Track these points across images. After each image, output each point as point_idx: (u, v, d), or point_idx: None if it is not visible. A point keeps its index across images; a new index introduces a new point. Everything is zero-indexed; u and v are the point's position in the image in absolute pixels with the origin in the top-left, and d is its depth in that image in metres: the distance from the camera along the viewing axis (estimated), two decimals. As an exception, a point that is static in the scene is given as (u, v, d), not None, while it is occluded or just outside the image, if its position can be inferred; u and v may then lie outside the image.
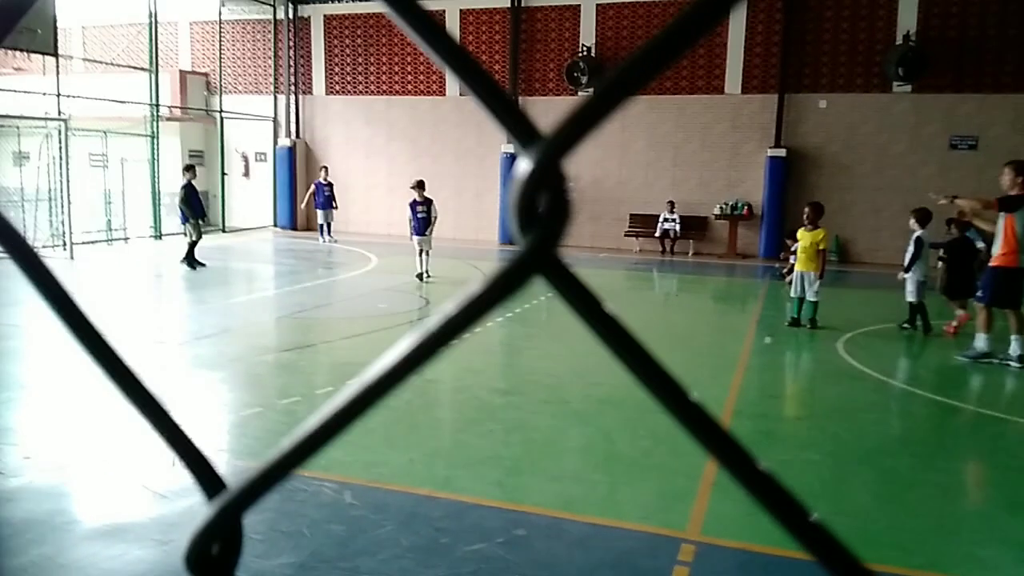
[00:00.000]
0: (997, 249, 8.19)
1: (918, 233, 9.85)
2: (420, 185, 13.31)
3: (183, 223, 14.34)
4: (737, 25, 17.99)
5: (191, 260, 14.19)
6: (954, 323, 10.00)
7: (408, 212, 13.40)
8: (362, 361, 8.00)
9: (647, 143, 18.67)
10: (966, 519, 4.67)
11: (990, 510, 4.82)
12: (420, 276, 13.19)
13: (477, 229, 20.35)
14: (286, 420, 6.19)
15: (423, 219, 13.17)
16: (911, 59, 16.54)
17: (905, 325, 10.20)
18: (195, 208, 14.16)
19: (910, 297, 10.01)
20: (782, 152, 17.72)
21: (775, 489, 0.40)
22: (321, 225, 19.28)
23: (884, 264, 17.42)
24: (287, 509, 4.46)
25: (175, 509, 4.53)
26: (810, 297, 10.02)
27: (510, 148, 19.65)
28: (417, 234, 13.17)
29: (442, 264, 15.81)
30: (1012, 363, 8.20)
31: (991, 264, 8.26)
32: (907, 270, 9.82)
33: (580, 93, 19.12)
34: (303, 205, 20.22)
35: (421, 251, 13.17)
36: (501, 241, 19.80)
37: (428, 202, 13.26)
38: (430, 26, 0.40)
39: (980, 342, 8.43)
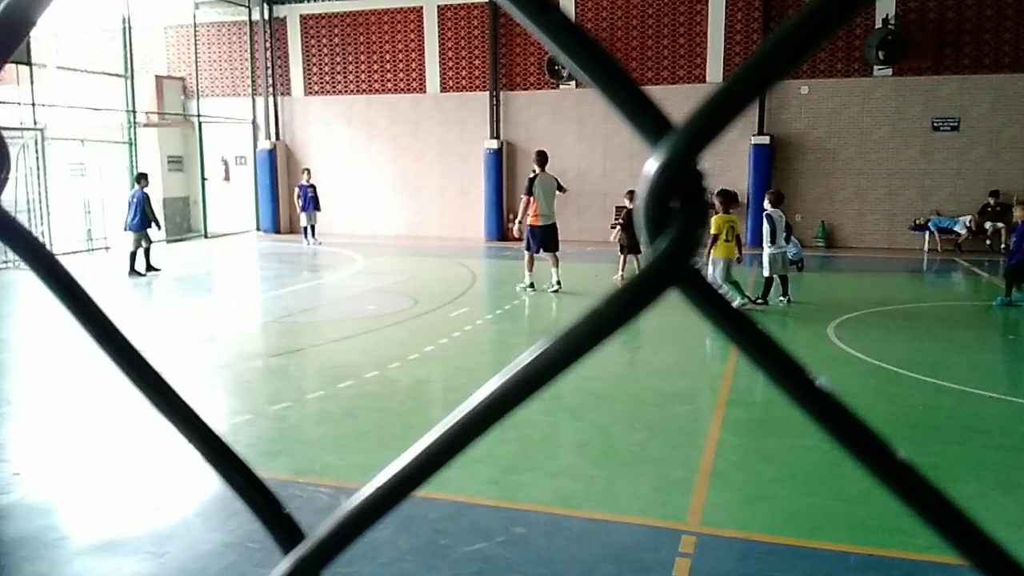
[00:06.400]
0: (530, 213, 11.72)
1: (768, 211, 10.62)
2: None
3: (142, 230, 13.98)
4: (717, 12, 17.96)
5: (146, 266, 14.13)
6: (622, 273, 12.35)
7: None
8: (353, 363, 7.93)
9: (630, 134, 18.50)
10: (962, 500, 4.70)
11: (984, 490, 4.85)
12: None
13: (463, 226, 20.24)
14: (277, 426, 6.14)
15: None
16: (891, 43, 16.57)
17: (759, 300, 10.60)
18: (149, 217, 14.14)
19: (766, 272, 10.57)
20: (766, 140, 17.72)
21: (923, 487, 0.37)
22: (305, 228, 19.13)
23: (870, 248, 17.51)
24: (284, 516, 4.44)
25: (170, 521, 4.44)
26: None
27: (493, 144, 19.56)
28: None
29: (429, 264, 15.72)
30: (549, 290, 11.72)
31: (529, 223, 11.73)
32: (773, 243, 10.42)
33: (562, 86, 19.06)
34: (300, 210, 19.76)
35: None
36: (487, 238, 19.72)
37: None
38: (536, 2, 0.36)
39: (526, 279, 11.92)
